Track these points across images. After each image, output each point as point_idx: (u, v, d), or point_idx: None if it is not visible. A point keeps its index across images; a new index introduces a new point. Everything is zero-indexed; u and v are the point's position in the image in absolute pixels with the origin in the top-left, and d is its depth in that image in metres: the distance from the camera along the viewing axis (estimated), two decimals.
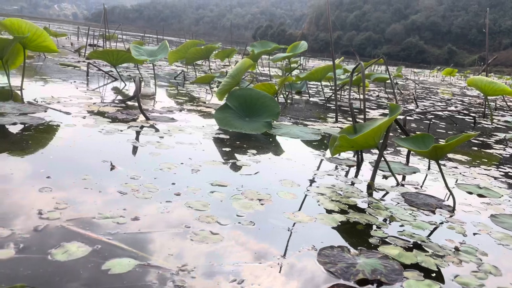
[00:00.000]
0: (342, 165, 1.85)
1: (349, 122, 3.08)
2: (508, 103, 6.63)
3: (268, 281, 0.87)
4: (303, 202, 1.33)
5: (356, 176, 1.71)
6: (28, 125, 1.86)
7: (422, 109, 4.71)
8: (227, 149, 1.88)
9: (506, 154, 2.58)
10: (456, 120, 4.00)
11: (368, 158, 2.02)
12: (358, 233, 1.16)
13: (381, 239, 1.13)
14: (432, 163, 2.03)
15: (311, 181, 1.56)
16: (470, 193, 1.66)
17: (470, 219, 1.37)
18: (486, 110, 4.87)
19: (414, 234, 1.19)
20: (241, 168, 1.61)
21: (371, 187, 1.53)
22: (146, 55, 3.53)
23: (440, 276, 0.98)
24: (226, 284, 0.84)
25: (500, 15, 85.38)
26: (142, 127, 2.08)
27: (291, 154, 1.95)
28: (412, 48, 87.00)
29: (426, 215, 1.35)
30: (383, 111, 4.03)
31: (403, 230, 1.20)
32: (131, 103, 2.77)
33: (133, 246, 0.93)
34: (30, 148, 1.54)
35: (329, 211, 1.28)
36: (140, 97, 2.34)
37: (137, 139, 1.85)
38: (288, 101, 3.89)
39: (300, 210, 1.26)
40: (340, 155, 1.98)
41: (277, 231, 1.10)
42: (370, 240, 1.11)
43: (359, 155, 1.88)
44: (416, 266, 1.01)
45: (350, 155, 2.04)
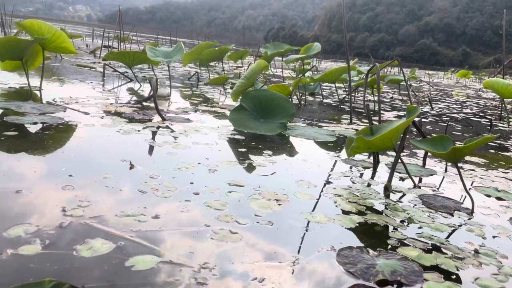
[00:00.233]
0: (358, 166, 1.84)
1: (363, 124, 3.07)
2: None
3: (288, 280, 0.88)
4: (319, 202, 1.34)
5: (372, 177, 1.71)
6: (48, 124, 1.89)
7: (437, 111, 4.67)
8: (242, 149, 1.89)
9: None
10: (472, 123, 3.95)
11: (384, 160, 2.01)
12: (376, 234, 1.16)
13: (399, 241, 1.13)
14: (448, 165, 2.01)
15: (327, 182, 1.56)
16: (488, 196, 1.64)
17: (489, 221, 1.35)
18: (503, 112, 4.80)
19: (433, 236, 1.18)
20: (257, 168, 1.62)
21: (388, 189, 1.52)
22: (161, 57, 3.56)
23: (460, 279, 0.97)
24: (247, 282, 0.85)
25: None
26: (158, 128, 2.11)
27: (306, 155, 1.95)
28: (425, 50, 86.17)
29: (444, 217, 1.34)
30: (398, 113, 4.01)
31: (422, 232, 1.20)
32: (146, 103, 2.80)
33: (154, 243, 0.94)
34: (51, 147, 1.57)
35: (346, 212, 1.28)
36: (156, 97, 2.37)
37: (154, 139, 1.87)
38: (302, 102, 3.89)
39: (317, 210, 1.27)
40: (355, 157, 1.98)
41: (295, 231, 1.11)
42: (389, 242, 1.11)
43: (376, 157, 1.87)
44: (436, 268, 1.00)
45: (365, 156, 2.04)
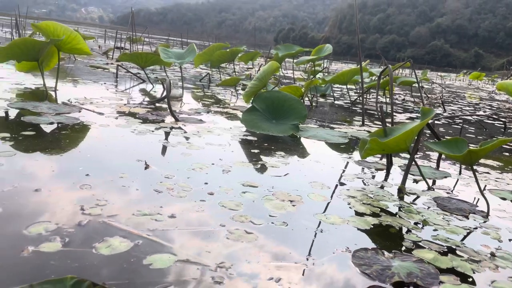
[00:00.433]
0: (370, 168, 1.84)
1: (375, 126, 3.06)
2: None
3: (304, 280, 0.88)
4: (333, 204, 1.34)
5: (385, 179, 1.71)
6: (64, 124, 1.92)
7: (449, 113, 4.63)
8: (255, 150, 1.90)
9: None
10: (486, 125, 3.91)
11: (397, 162, 2.00)
12: (391, 236, 1.16)
13: (414, 243, 1.12)
14: (462, 168, 2.00)
15: (340, 183, 1.56)
16: (504, 199, 1.63)
17: (504, 225, 1.34)
18: None
19: (449, 238, 1.18)
20: (270, 169, 1.63)
21: (402, 191, 1.52)
22: (174, 58, 3.59)
23: (477, 281, 0.97)
24: (263, 282, 0.85)
25: None
26: (172, 128, 2.12)
27: (319, 157, 1.95)
28: (437, 52, 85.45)
29: (459, 220, 1.34)
30: (410, 115, 3.98)
31: (437, 235, 1.19)
32: (159, 104, 2.83)
33: (171, 242, 0.95)
34: (67, 147, 1.59)
35: (360, 214, 1.28)
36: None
37: (168, 139, 1.89)
38: (313, 104, 3.89)
39: (331, 212, 1.27)
40: (367, 159, 1.98)
41: (310, 232, 1.11)
42: (404, 244, 1.11)
43: (389, 159, 1.86)
44: (452, 271, 1.00)
45: (377, 158, 2.03)
